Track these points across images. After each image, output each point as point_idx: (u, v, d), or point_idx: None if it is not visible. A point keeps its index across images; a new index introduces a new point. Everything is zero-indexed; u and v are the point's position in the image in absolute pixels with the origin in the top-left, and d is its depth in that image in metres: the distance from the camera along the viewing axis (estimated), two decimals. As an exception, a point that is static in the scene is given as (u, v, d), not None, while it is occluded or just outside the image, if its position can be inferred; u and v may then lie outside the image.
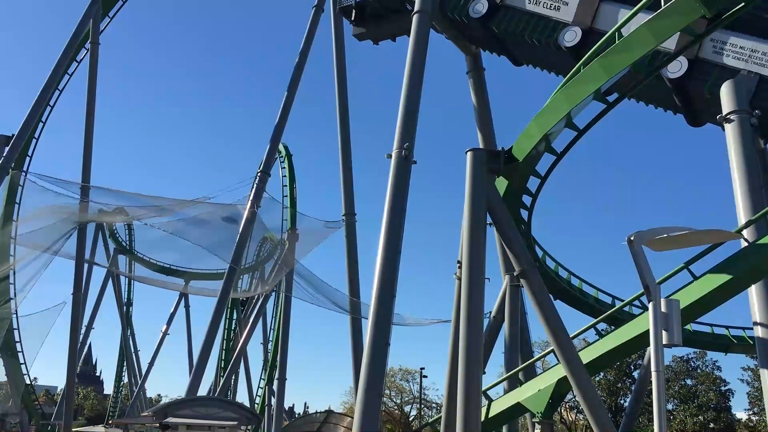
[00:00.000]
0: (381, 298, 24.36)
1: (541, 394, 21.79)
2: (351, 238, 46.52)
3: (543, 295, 21.15)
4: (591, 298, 32.34)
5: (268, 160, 46.30)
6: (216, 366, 58.21)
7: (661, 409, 7.72)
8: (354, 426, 24.09)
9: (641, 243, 8.13)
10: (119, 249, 65.83)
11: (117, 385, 76.30)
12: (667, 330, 7.78)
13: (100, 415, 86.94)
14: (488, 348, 27.37)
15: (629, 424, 34.88)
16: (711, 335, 31.26)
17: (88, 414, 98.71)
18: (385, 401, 59.73)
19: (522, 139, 21.30)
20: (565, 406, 51.54)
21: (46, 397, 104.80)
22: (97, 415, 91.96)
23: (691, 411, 45.09)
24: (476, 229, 20.55)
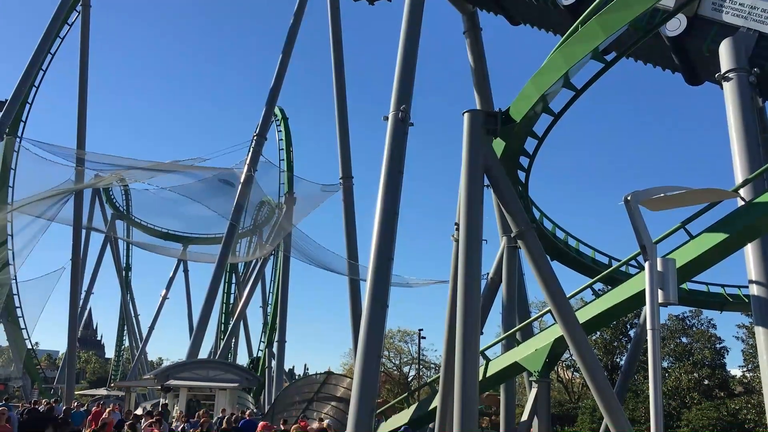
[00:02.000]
0: (379, 260, 24.44)
1: (538, 354, 22.03)
2: (348, 202, 46.57)
3: (540, 255, 21.24)
4: (588, 259, 32.49)
5: (264, 123, 46.07)
6: (216, 329, 58.75)
7: (656, 366, 7.81)
8: (353, 387, 24.38)
9: (638, 202, 8.13)
10: (117, 214, 65.78)
11: (118, 348, 77.04)
12: (662, 289, 7.83)
13: (102, 378, 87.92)
14: (486, 309, 27.55)
15: (625, 382, 35.37)
16: (707, 294, 31.52)
17: (90, 378, 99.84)
18: (384, 362, 60.43)
19: (519, 100, 21.15)
20: (562, 365, 52.16)
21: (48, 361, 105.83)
22: (99, 378, 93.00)
23: (686, 368, 45.62)
24: (473, 190, 20.53)
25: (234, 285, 60.97)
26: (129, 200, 65.70)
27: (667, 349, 46.54)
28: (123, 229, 68.38)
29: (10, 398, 37.74)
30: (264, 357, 55.68)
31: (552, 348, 21.70)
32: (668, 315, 47.82)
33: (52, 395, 50.78)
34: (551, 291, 20.39)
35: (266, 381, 51.37)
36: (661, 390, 20.76)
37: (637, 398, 42.61)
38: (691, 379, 45.05)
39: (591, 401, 38.37)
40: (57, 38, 49.81)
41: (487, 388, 29.56)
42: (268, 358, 53.82)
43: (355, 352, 29.04)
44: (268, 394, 49.27)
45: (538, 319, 30.99)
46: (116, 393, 53.72)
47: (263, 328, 60.06)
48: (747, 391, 42.61)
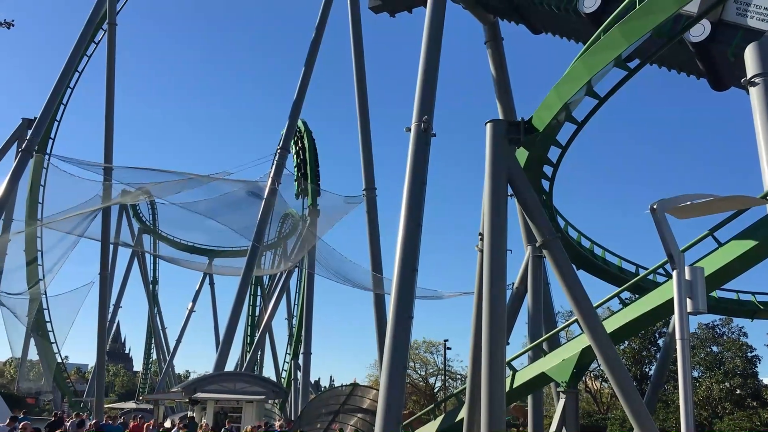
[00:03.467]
0: (403, 272, 24.44)
1: (566, 364, 21.84)
2: (372, 213, 46.61)
3: (566, 265, 21.10)
4: (614, 267, 32.15)
5: (287, 136, 46.38)
6: (242, 342, 59.03)
7: (686, 376, 7.72)
8: (380, 398, 24.36)
9: (664, 211, 8.06)
10: (143, 228, 66.59)
11: (146, 361, 77.75)
12: (691, 297, 7.74)
13: (131, 391, 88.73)
14: (511, 319, 27.40)
15: (655, 392, 34.85)
16: (737, 302, 30.99)
17: (118, 390, 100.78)
18: (410, 373, 60.21)
19: (542, 109, 21.10)
20: (590, 375, 51.54)
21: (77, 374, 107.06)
22: (128, 391, 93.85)
23: (717, 378, 44.80)
24: (497, 200, 20.50)
25: (259, 297, 61.28)
26: (155, 214, 66.53)
27: (697, 359, 45.78)
28: (150, 242, 69.28)
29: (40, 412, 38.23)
30: (290, 369, 55.83)
31: (579, 358, 21.51)
32: (698, 324, 47.14)
33: (82, 408, 51.40)
34: (577, 300, 20.23)
35: (292, 393, 51.48)
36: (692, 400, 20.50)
37: (667, 408, 41.95)
38: (722, 389, 44.25)
39: (620, 412, 37.83)
40: (84, 56, 50.75)
41: (514, 399, 29.32)
42: (294, 370, 53.94)
43: (380, 364, 29.01)
44: (294, 406, 49.36)
45: (565, 328, 30.74)
46: (145, 406, 54.18)
47: (288, 340, 60.30)
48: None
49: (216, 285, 74.76)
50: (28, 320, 53.65)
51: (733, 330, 47.30)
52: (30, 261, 52.37)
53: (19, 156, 45.26)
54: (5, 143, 49.97)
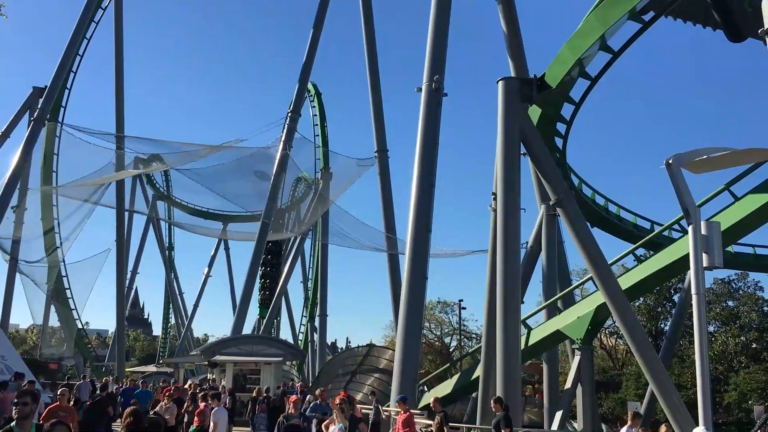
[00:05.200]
0: (417, 232, 24.48)
1: (581, 321, 21.91)
2: (384, 175, 46.51)
3: (580, 223, 21.03)
4: (629, 224, 32.01)
5: (297, 99, 46.14)
6: (258, 305, 59.62)
7: (702, 331, 7.70)
8: (395, 358, 24.62)
9: (680, 166, 7.95)
10: (158, 195, 66.84)
11: (165, 326, 78.83)
12: (707, 252, 7.68)
13: (151, 355, 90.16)
14: (526, 278, 27.45)
15: (670, 348, 34.99)
16: (753, 256, 30.86)
17: (139, 355, 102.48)
18: (425, 333, 60.68)
19: (554, 66, 20.80)
20: (605, 331, 51.74)
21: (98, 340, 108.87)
22: (148, 355, 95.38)
23: (733, 332, 44.81)
24: (510, 159, 20.37)
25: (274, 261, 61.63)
26: (169, 181, 66.72)
27: (713, 313, 45.74)
28: (164, 209, 69.64)
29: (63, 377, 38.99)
30: (306, 331, 56.44)
31: (594, 315, 21.57)
32: (713, 279, 46.95)
33: (104, 373, 52.39)
34: (592, 258, 20.20)
35: (309, 354, 52.13)
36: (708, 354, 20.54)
37: (682, 363, 42.10)
38: (738, 343, 44.31)
39: (635, 368, 38.04)
40: (92, 23, 50.42)
41: (529, 357, 29.54)
42: (311, 332, 54.53)
43: (396, 325, 29.25)
44: (312, 367, 50.02)
45: (580, 286, 30.78)
46: (165, 369, 55.13)
47: (305, 303, 60.79)
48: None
49: (231, 250, 75.34)
50: (47, 287, 54.44)
51: (749, 284, 47.16)
52: (47, 230, 52.91)
53: (31, 125, 45.36)
54: (17, 113, 50.00)
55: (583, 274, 43.23)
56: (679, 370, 41.25)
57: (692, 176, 8.65)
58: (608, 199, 31.96)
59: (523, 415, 31.38)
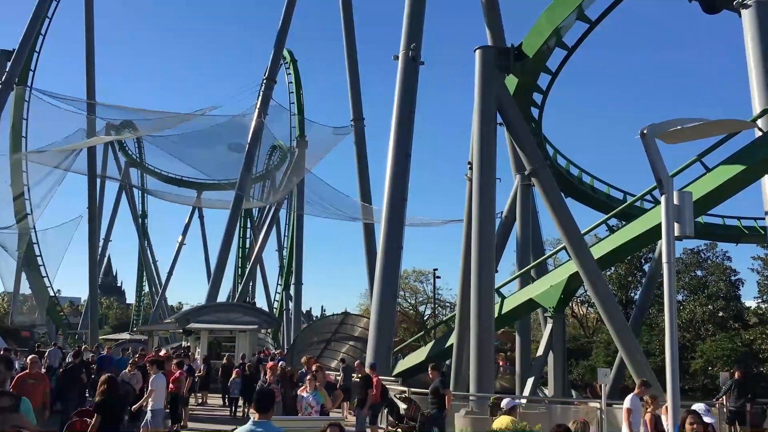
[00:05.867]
0: (392, 201, 24.53)
1: (553, 290, 22.21)
2: (360, 144, 46.35)
3: (554, 193, 21.21)
4: (602, 195, 32.36)
5: (272, 66, 45.59)
6: (233, 273, 59.51)
7: (671, 299, 7.83)
8: (370, 326, 24.82)
9: (654, 136, 8.00)
10: (130, 162, 65.89)
11: (138, 294, 78.41)
12: (679, 222, 7.77)
13: (124, 323, 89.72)
14: (500, 247, 27.68)
15: (640, 316, 35.66)
16: (722, 226, 31.43)
17: (112, 323, 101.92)
18: (400, 302, 61.05)
19: (532, 35, 20.77)
20: (577, 300, 52.54)
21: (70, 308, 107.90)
22: (121, 323, 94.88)
23: (701, 301, 45.79)
24: (486, 128, 20.39)
25: (249, 230, 61.45)
26: (142, 148, 65.74)
27: (681, 283, 46.65)
28: (137, 176, 68.75)
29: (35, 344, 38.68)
30: (281, 299, 56.55)
31: (566, 284, 21.86)
32: (683, 249, 47.80)
33: (77, 341, 52.10)
34: (565, 228, 20.43)
35: (284, 322, 52.31)
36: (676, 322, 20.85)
37: (651, 331, 42.96)
38: (705, 312, 45.26)
39: (606, 335, 38.79)
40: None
41: (502, 325, 29.93)
42: (286, 300, 54.66)
43: (371, 293, 29.42)
44: (287, 336, 50.23)
45: (553, 256, 31.14)
46: (139, 337, 54.97)
47: (280, 271, 60.80)
48: (761, 322, 42.89)
49: (206, 219, 74.83)
50: (18, 255, 53.70)
51: (717, 254, 48.12)
52: (17, 196, 52.01)
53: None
54: (-17, 77, 48.79)
55: (556, 243, 43.70)
56: (648, 337, 42.10)
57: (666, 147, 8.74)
58: (582, 169, 32.24)
59: (495, 382, 31.92)
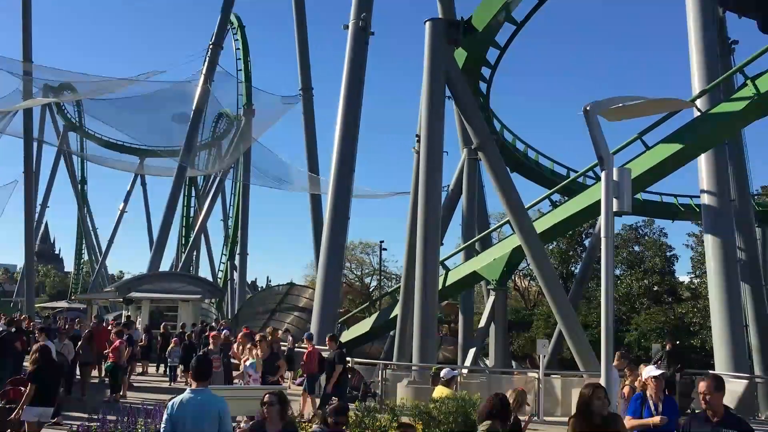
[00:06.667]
0: (340, 172, 24.43)
1: (496, 263, 22.60)
2: (309, 114, 45.91)
3: (499, 167, 21.46)
4: (547, 171, 32.93)
5: (219, 31, 44.53)
6: (177, 243, 58.57)
7: (609, 273, 8.04)
8: (315, 297, 24.82)
9: (596, 113, 8.14)
10: (69, 126, 63.71)
11: (77, 262, 76.48)
12: (617, 198, 7.96)
13: (62, 292, 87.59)
14: (446, 220, 27.94)
15: (579, 289, 36.66)
16: (660, 203, 32.45)
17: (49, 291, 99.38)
18: (346, 273, 61.26)
19: (481, 9, 20.80)
20: (519, 274, 53.57)
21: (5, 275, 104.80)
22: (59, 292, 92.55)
23: (637, 275, 47.25)
24: (435, 101, 20.42)
25: (194, 198, 60.42)
26: (81, 111, 63.54)
27: (620, 258, 47.99)
28: (76, 141, 66.54)
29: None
30: (226, 270, 55.98)
31: (509, 257, 22.27)
32: (622, 225, 49.07)
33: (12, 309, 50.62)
34: (510, 202, 20.74)
35: (229, 293, 51.86)
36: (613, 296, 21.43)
37: (590, 304, 44.18)
38: (641, 286, 46.71)
39: (546, 308, 39.72)
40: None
41: (446, 297, 30.41)
42: (230, 270, 54.13)
43: (317, 264, 29.39)
44: (231, 306, 49.86)
45: (497, 229, 31.63)
46: (77, 306, 53.76)
47: (225, 241, 60.07)
48: (693, 297, 44.50)
49: (149, 186, 73.21)
50: (-51, 220, 51.66)
51: (654, 231, 49.60)
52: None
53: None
54: None
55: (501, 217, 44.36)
56: (586, 310, 43.31)
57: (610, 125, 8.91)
58: (528, 145, 32.70)
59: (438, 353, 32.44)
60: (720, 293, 19.64)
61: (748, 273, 25.67)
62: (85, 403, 14.30)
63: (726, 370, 19.23)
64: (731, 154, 24.04)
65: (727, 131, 19.49)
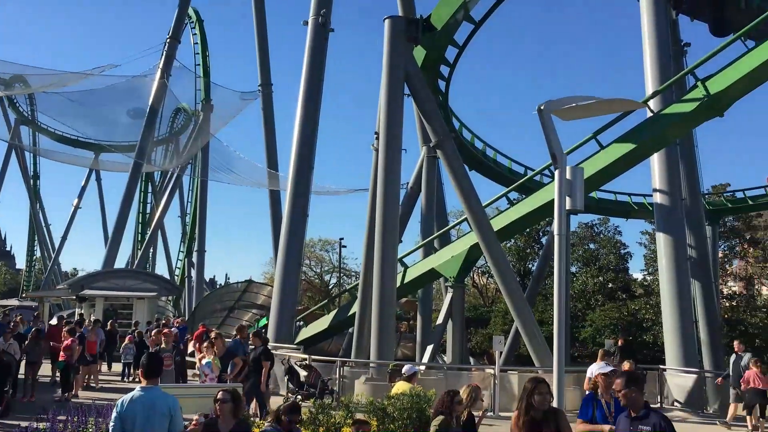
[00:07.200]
0: (299, 169, 24.32)
1: (454, 260, 22.74)
2: (268, 110, 45.61)
3: (458, 165, 21.59)
4: (505, 169, 33.24)
5: (177, 25, 43.95)
6: (133, 239, 57.56)
7: (562, 269, 8.17)
8: (274, 294, 24.66)
9: (550, 112, 8.26)
10: (20, 119, 62.01)
11: (29, 259, 74.59)
12: (570, 196, 8.08)
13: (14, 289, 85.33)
14: (405, 217, 28.02)
15: (536, 286, 37.12)
16: (614, 202, 33.05)
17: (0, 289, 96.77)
18: (305, 271, 60.99)
19: (440, 7, 20.90)
20: (477, 271, 54.02)
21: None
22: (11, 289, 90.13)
23: (592, 272, 48.10)
24: (393, 99, 20.45)
25: (150, 194, 59.44)
26: (34, 105, 61.90)
27: (576, 255, 48.76)
28: (28, 135, 64.82)
29: None
30: (183, 267, 55.27)
31: (467, 255, 22.43)
32: (578, 223, 49.90)
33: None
34: (467, 199, 20.89)
35: (186, 290, 51.22)
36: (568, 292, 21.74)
37: (546, 301, 44.75)
38: (596, 283, 47.54)
39: (504, 305, 40.06)
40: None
41: (405, 294, 30.45)
42: (188, 267, 53.47)
43: (275, 261, 29.19)
44: (189, 304, 49.24)
45: (456, 227, 31.83)
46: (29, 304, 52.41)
47: (182, 237, 59.27)
48: (646, 293, 45.43)
49: (104, 181, 71.76)
50: None
51: (609, 229, 50.50)
52: None
53: None
54: None
55: (460, 215, 44.68)
56: (543, 307, 43.85)
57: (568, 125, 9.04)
58: (486, 143, 32.96)
59: (397, 350, 32.52)
60: (671, 290, 20.12)
61: (698, 270, 26.31)
62: (34, 404, 13.97)
63: (676, 365, 19.73)
64: (683, 154, 24.64)
65: (678, 131, 19.94)
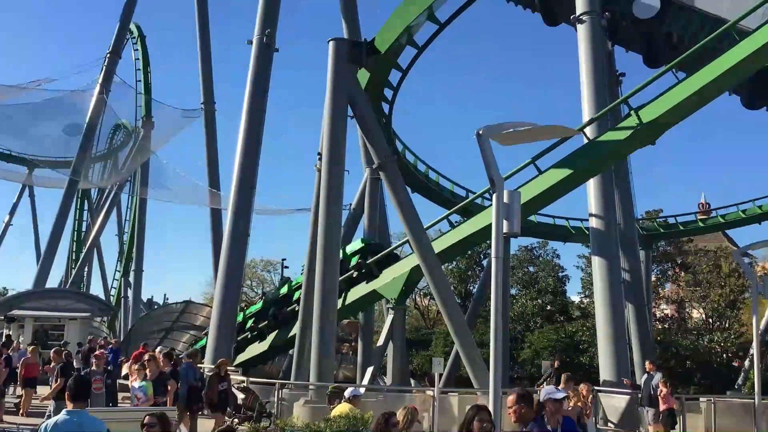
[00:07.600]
0: (241, 188, 24.10)
1: (396, 282, 22.80)
2: (210, 128, 45.11)
3: (400, 187, 21.78)
4: (446, 191, 33.64)
5: (117, 40, 43.21)
6: (67, 258, 55.77)
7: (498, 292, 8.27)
8: (213, 315, 24.24)
9: (489, 137, 8.42)
10: (-52, 132, 59.56)
11: (-45, 278, 71.54)
12: (508, 219, 8.22)
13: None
14: (347, 238, 28.01)
15: (476, 308, 37.52)
16: (553, 226, 33.80)
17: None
18: (246, 291, 60.11)
19: (384, 31, 21.16)
20: (420, 292, 54.19)
21: None
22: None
23: (532, 295, 48.79)
24: (337, 120, 20.52)
25: (86, 212, 57.80)
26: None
27: (515, 278, 49.40)
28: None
29: None
30: (119, 286, 53.79)
31: (408, 276, 22.52)
32: (518, 246, 50.62)
33: None
34: (409, 221, 21.04)
35: (122, 311, 49.84)
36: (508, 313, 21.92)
37: (486, 324, 44.89)
38: (535, 305, 48.20)
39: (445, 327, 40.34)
40: None
41: (346, 316, 30.32)
42: (125, 287, 52.07)
43: (215, 282, 28.72)
44: (124, 325, 47.88)
45: (398, 248, 31.95)
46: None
47: (119, 257, 57.73)
48: (583, 316, 46.31)
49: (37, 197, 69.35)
50: None
51: (548, 252, 51.44)
52: None
53: None
54: None
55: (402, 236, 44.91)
56: (484, 329, 44.15)
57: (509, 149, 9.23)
58: (429, 166, 33.33)
59: (338, 372, 32.31)
60: (605, 312, 20.58)
61: (631, 293, 27.03)
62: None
63: (611, 385, 20.15)
64: (618, 180, 25.40)
65: (612, 158, 20.56)
